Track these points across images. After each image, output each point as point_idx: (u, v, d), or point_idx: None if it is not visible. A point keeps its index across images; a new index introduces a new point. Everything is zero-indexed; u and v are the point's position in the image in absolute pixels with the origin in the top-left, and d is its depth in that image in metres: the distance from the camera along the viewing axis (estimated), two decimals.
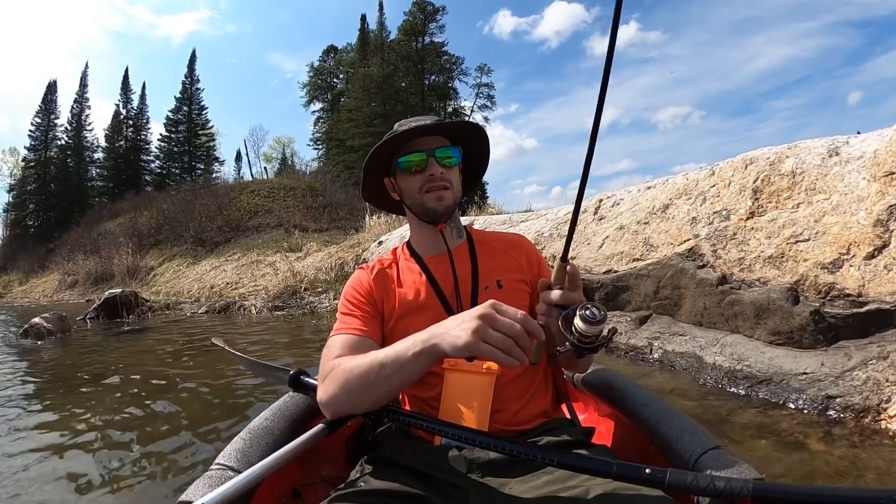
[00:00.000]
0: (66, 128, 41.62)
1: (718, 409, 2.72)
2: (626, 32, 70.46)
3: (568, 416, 1.39)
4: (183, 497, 0.93)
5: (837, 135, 3.59)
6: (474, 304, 1.22)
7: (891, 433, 2.28)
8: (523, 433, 1.16)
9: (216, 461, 1.07)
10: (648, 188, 4.89)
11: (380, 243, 10.09)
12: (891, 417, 2.34)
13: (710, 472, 0.92)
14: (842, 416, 2.49)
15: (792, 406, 2.66)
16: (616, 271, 4.39)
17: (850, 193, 3.18)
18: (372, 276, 1.33)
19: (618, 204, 5.11)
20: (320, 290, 10.11)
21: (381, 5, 43.24)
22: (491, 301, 0.94)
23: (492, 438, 0.96)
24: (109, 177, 41.48)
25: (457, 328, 0.94)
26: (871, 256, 2.90)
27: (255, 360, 1.78)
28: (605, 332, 0.94)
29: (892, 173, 3.03)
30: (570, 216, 4.42)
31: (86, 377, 4.35)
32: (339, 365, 1.11)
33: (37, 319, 7.40)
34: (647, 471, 0.81)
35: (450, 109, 43.01)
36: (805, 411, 2.59)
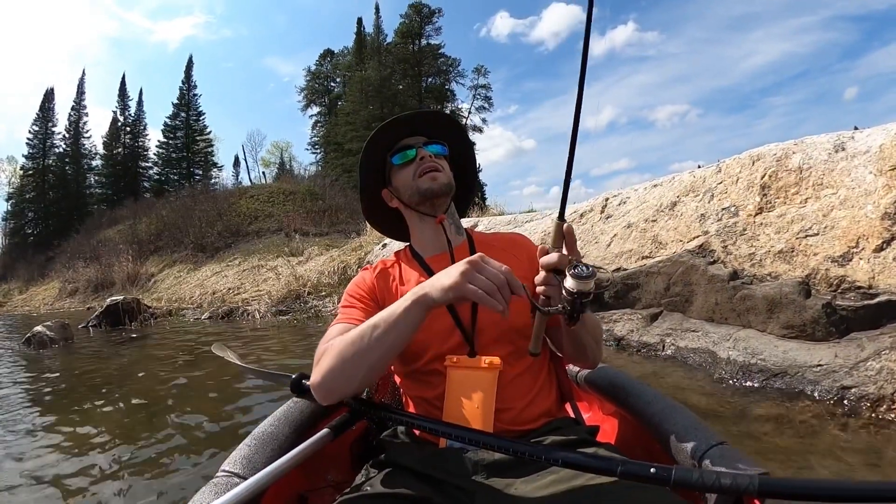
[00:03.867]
0: (63, 135, 41.68)
1: (735, 402, 2.76)
2: (624, 33, 70.67)
3: (572, 415, 1.39)
4: (190, 503, 0.95)
5: (836, 130, 3.65)
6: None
7: None
8: (527, 433, 1.16)
9: (222, 468, 1.07)
10: (655, 186, 4.93)
11: (384, 245, 10.11)
12: None
13: (716, 469, 0.93)
14: (857, 405, 2.53)
15: (807, 397, 2.70)
16: (625, 269, 4.42)
17: (857, 188, 3.23)
18: (374, 274, 1.36)
19: (624, 202, 5.14)
20: (324, 293, 10.13)
21: (377, 8, 43.44)
22: (479, 253, 0.99)
23: (496, 439, 0.97)
24: (108, 184, 41.59)
25: (445, 274, 0.99)
26: (880, 249, 2.94)
27: (256, 367, 1.77)
28: (593, 287, 0.93)
29: None
30: (574, 215, 4.42)
31: (90, 385, 4.33)
32: (333, 343, 1.12)
33: (39, 328, 7.37)
34: (652, 470, 0.81)
35: (447, 111, 43.19)
36: (820, 402, 2.63)
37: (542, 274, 1.02)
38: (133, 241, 21.65)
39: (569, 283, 0.93)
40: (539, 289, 1.03)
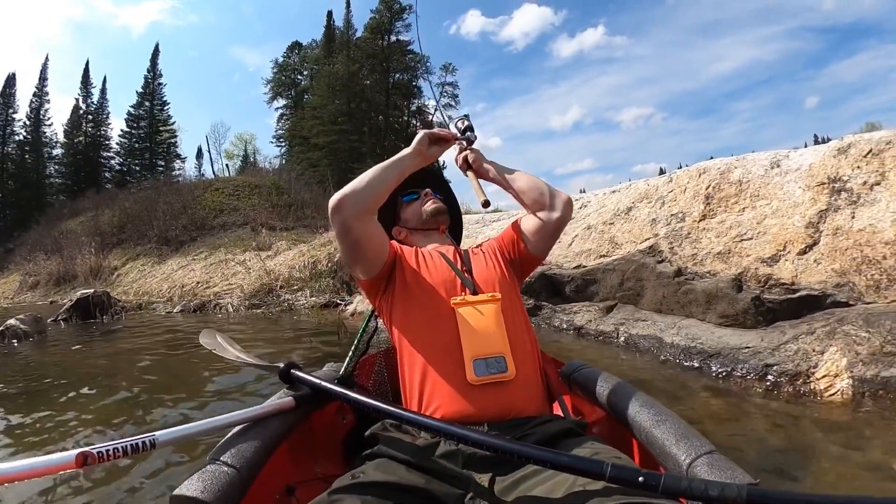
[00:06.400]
0: (24, 123, 39.81)
1: (677, 378, 3.20)
2: (593, 36, 71.69)
3: (562, 415, 1.47)
4: (176, 492, 0.96)
5: (797, 136, 4.18)
6: (467, 261, 1.54)
7: (817, 392, 2.80)
8: (517, 425, 1.21)
9: (209, 456, 1.08)
10: (613, 192, 5.40)
11: None
12: (817, 379, 2.85)
13: (705, 478, 0.94)
14: (778, 380, 2.99)
15: (738, 374, 3.15)
16: (585, 266, 4.86)
17: (787, 200, 3.73)
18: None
19: (585, 206, 5.60)
20: (296, 287, 10.25)
21: (347, 2, 42.97)
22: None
23: (486, 438, 0.98)
24: (68, 174, 39.97)
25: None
26: (803, 252, 3.45)
27: (246, 357, 1.76)
28: (467, 119, 1.75)
29: (824, 184, 3.58)
30: None
31: (75, 377, 4.29)
32: None
33: (12, 321, 7.20)
34: (641, 478, 0.82)
35: (413, 108, 43.09)
36: (748, 377, 3.09)
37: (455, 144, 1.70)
38: (95, 234, 20.83)
39: (457, 123, 1.75)
40: (459, 155, 1.74)
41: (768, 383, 3.00)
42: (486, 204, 1.58)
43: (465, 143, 1.72)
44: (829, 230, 3.44)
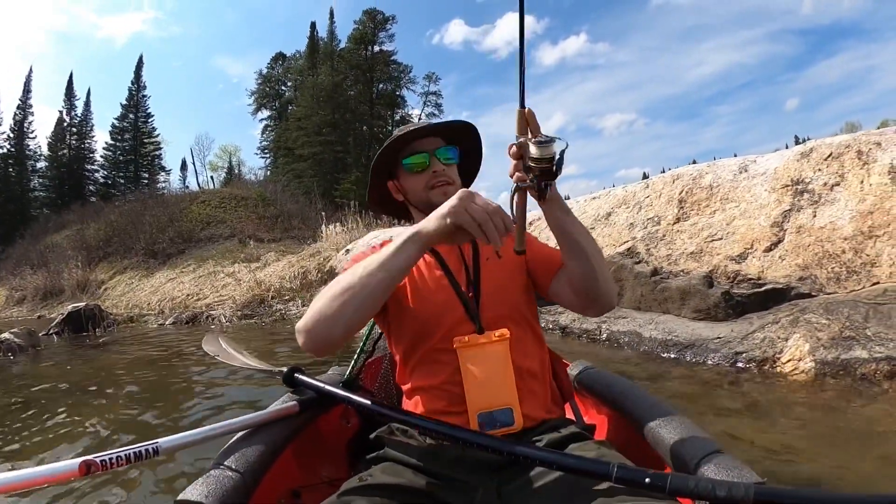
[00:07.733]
0: (8, 135, 39.34)
1: (656, 368, 3.46)
2: (575, 43, 72.25)
3: (571, 416, 1.43)
4: (181, 496, 0.94)
5: (778, 139, 4.46)
6: (476, 272, 1.25)
7: (783, 374, 3.08)
8: (526, 431, 1.15)
9: (214, 461, 1.07)
10: (594, 198, 5.67)
11: (347, 251, 10.51)
12: (783, 363, 3.14)
13: (712, 477, 0.93)
14: (747, 365, 3.28)
15: (710, 362, 3.43)
16: None
17: (754, 202, 4.03)
18: (380, 246, 1.21)
19: None
20: (287, 298, 10.37)
21: (331, 13, 43.56)
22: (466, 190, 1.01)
23: (492, 441, 0.97)
24: (52, 187, 39.64)
25: (442, 207, 1.01)
26: (768, 250, 3.74)
27: (250, 362, 1.73)
28: (557, 152, 0.97)
29: (788, 186, 3.88)
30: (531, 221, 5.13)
31: (76, 388, 4.36)
32: (324, 288, 1.11)
33: (6, 335, 7.24)
34: (647, 479, 0.82)
35: (398, 118, 43.22)
36: (720, 365, 3.37)
37: (512, 163, 1.02)
38: (81, 247, 20.70)
39: (532, 150, 0.96)
40: (515, 176, 1.02)
41: (738, 369, 3.27)
42: (521, 253, 1.09)
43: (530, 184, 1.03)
44: (793, 228, 3.73)
